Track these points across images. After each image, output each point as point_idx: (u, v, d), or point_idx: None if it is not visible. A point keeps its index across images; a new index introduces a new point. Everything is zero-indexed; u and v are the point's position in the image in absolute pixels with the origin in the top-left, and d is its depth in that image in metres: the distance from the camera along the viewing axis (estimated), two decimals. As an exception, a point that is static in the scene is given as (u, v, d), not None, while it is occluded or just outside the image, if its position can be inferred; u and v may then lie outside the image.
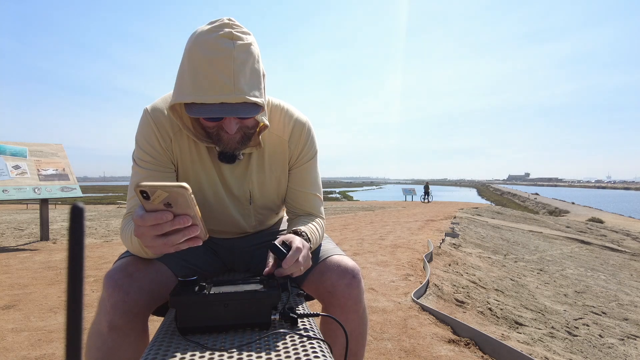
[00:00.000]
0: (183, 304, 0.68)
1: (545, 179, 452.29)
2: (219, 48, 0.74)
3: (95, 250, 4.54)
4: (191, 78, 0.76)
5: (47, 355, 1.72)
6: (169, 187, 0.62)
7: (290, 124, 0.98)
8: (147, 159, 0.90)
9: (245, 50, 0.77)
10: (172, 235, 0.67)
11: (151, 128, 0.90)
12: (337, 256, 0.95)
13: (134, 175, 0.92)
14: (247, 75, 0.77)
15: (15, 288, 2.82)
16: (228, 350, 0.63)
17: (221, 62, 0.74)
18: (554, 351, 2.03)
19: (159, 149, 0.91)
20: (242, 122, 0.83)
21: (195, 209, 0.66)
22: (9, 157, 5.01)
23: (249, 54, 0.77)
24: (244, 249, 1.09)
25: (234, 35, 0.76)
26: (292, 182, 1.03)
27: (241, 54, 0.76)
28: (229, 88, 0.74)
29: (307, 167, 1.02)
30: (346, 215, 10.95)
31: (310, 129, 1.01)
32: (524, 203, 39.49)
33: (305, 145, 1.00)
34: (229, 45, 0.75)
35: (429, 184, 23.79)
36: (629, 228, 14.16)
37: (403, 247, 4.57)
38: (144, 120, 0.91)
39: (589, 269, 5.41)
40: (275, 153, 0.99)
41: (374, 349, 1.80)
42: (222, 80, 0.74)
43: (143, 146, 0.90)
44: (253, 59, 0.78)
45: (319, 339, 0.67)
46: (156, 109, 0.91)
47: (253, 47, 0.79)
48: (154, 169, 0.91)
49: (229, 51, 0.75)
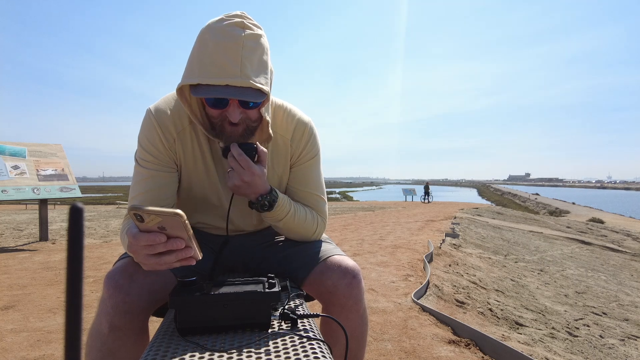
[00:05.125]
0: (182, 304, 0.68)
1: (546, 179, 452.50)
2: (229, 34, 0.76)
3: (94, 250, 4.54)
4: (199, 61, 0.77)
5: (47, 356, 1.72)
6: (162, 213, 0.62)
7: (292, 123, 0.99)
8: (150, 159, 0.90)
9: (254, 39, 0.78)
10: (166, 256, 0.68)
11: (154, 129, 0.90)
12: (337, 256, 0.95)
13: (136, 175, 0.92)
14: (254, 63, 0.78)
15: (15, 288, 2.82)
16: (227, 351, 0.62)
17: (230, 47, 0.75)
18: (554, 352, 2.03)
19: (161, 150, 0.91)
20: (245, 113, 0.83)
21: (190, 232, 0.66)
22: (8, 157, 5.01)
23: (258, 44, 0.78)
24: (244, 247, 1.09)
25: (245, 25, 0.78)
26: (293, 180, 1.03)
27: (250, 42, 0.77)
28: (235, 71, 0.75)
29: (308, 166, 1.02)
30: (346, 215, 10.95)
31: (313, 129, 1.02)
32: (525, 203, 39.50)
33: (307, 144, 1.00)
34: (239, 32, 0.76)
35: (429, 184, 23.80)
36: (630, 228, 14.17)
37: (403, 248, 4.57)
38: (147, 121, 0.91)
39: (589, 270, 5.41)
40: (278, 152, 0.99)
41: (374, 349, 1.79)
42: (229, 63, 0.75)
43: (146, 147, 0.90)
44: (262, 50, 0.79)
45: (318, 340, 0.67)
46: (159, 110, 0.91)
47: (263, 39, 0.80)
48: (156, 169, 0.91)
49: (238, 37, 0.76)
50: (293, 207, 0.96)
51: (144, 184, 0.90)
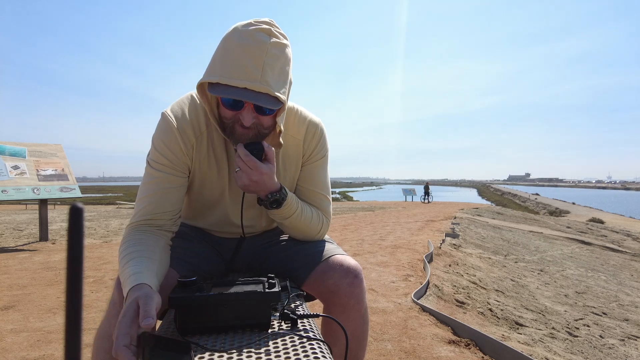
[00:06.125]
0: (182, 304, 0.68)
1: (546, 179, 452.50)
2: (255, 38, 0.76)
3: (94, 250, 4.54)
4: (221, 61, 0.77)
5: (47, 356, 1.72)
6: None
7: (304, 124, 1.00)
8: (164, 162, 0.90)
9: (279, 48, 0.78)
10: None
11: (173, 133, 0.89)
12: (339, 256, 0.95)
13: (146, 176, 0.91)
14: (275, 71, 0.78)
15: (15, 289, 2.82)
16: (227, 351, 0.62)
17: (253, 51, 0.75)
18: (554, 352, 2.03)
19: (179, 154, 0.91)
20: (258, 118, 0.83)
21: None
22: (8, 158, 5.01)
23: (282, 53, 0.79)
24: (249, 249, 1.09)
25: (272, 32, 0.78)
26: (301, 179, 1.03)
27: (274, 50, 0.77)
28: (255, 76, 0.75)
29: (317, 166, 1.03)
30: (346, 215, 10.95)
31: (323, 130, 1.03)
32: (525, 203, 39.49)
33: (317, 144, 1.01)
34: (265, 38, 0.76)
35: (429, 184, 23.79)
36: (630, 228, 14.16)
37: (403, 248, 4.57)
38: (166, 125, 0.90)
39: (589, 270, 5.41)
40: (290, 154, 1.00)
41: (374, 349, 1.79)
42: (251, 67, 0.75)
43: (161, 150, 0.90)
44: (285, 60, 0.80)
45: (319, 340, 0.67)
46: (178, 115, 0.91)
47: (288, 50, 0.81)
48: (168, 173, 0.90)
49: (263, 43, 0.76)
50: (300, 206, 0.97)
51: (154, 186, 0.89)
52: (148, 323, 0.59)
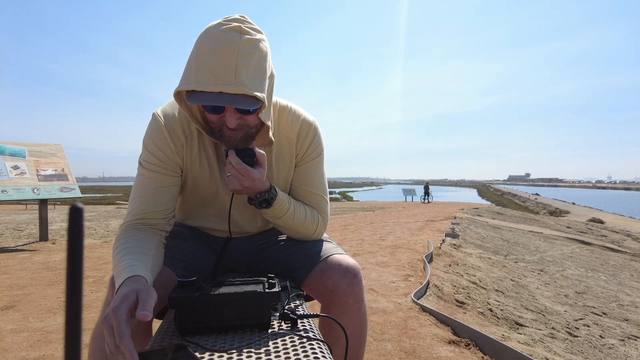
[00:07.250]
0: (182, 304, 0.68)
1: (546, 179, 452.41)
2: (225, 40, 0.75)
3: (94, 250, 4.54)
4: (195, 67, 0.77)
5: (47, 356, 1.72)
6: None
7: (297, 123, 0.99)
8: (155, 162, 0.90)
9: (251, 45, 0.77)
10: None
11: (163, 133, 0.90)
12: (338, 255, 0.95)
13: (138, 177, 0.92)
14: (250, 69, 0.77)
15: (14, 289, 2.82)
16: (227, 351, 0.62)
17: (225, 53, 0.75)
18: (554, 352, 2.03)
19: (169, 154, 0.91)
20: (243, 118, 0.83)
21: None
22: (8, 158, 5.01)
23: (255, 50, 0.77)
24: (246, 249, 1.09)
25: (242, 30, 0.77)
26: (295, 180, 1.03)
27: (246, 48, 0.76)
28: (229, 78, 0.75)
29: (312, 166, 1.02)
30: (346, 215, 10.95)
31: (317, 129, 1.02)
32: (525, 203, 39.48)
33: (311, 144, 1.00)
34: (235, 37, 0.75)
35: (429, 184, 23.79)
36: (630, 228, 14.16)
37: (403, 248, 4.57)
38: (155, 125, 0.91)
39: (589, 270, 5.41)
40: (283, 154, 0.99)
41: (374, 349, 1.79)
42: (224, 70, 0.75)
43: (152, 150, 0.90)
44: (259, 56, 0.78)
45: (318, 340, 0.67)
46: (167, 114, 0.92)
47: (262, 44, 0.79)
48: (160, 172, 0.91)
49: (234, 43, 0.75)
50: (293, 205, 0.97)
51: (146, 185, 0.90)
52: (145, 315, 0.58)
